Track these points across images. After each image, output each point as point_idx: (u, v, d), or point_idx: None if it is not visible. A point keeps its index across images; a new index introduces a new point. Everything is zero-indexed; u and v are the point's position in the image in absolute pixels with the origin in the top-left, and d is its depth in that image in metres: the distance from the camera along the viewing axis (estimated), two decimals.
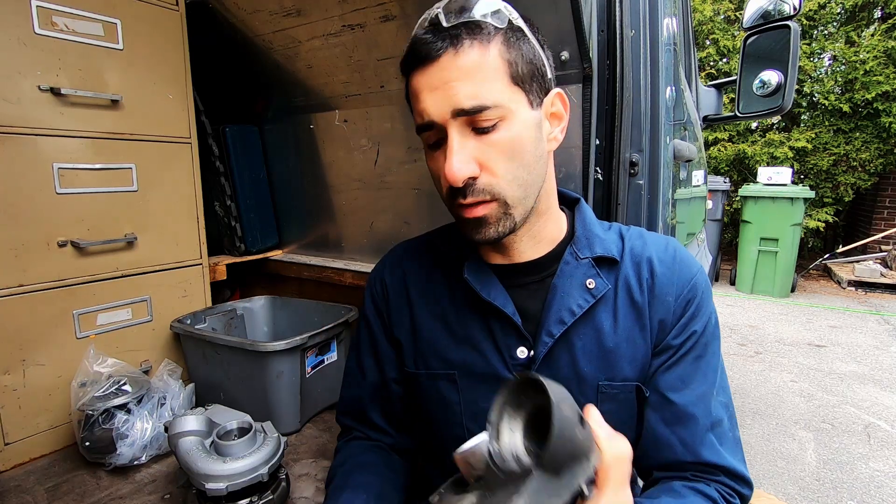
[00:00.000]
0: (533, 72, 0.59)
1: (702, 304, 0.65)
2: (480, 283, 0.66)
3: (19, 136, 1.04)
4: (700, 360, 0.64)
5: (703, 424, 0.62)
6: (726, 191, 4.99)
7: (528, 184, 0.61)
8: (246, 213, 1.69)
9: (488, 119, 0.56)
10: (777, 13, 1.25)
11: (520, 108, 0.58)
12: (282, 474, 0.91)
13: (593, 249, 0.67)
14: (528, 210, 0.63)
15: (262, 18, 1.41)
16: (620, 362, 0.64)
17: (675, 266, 0.66)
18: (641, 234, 0.70)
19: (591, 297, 0.65)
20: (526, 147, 0.59)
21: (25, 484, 1.00)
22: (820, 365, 3.05)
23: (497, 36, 0.56)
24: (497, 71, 0.56)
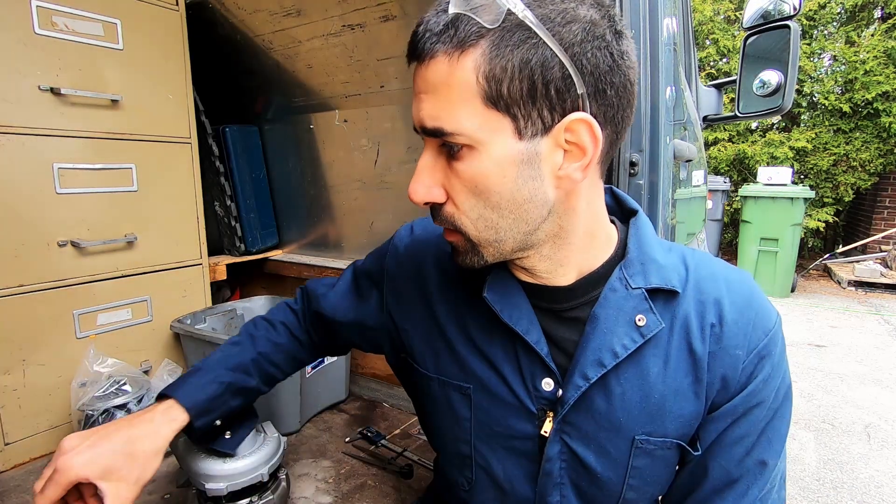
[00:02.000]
0: (532, 88, 0.43)
1: (779, 362, 0.55)
2: (504, 302, 0.56)
3: (19, 136, 1.04)
4: (768, 426, 0.55)
5: (753, 497, 0.55)
6: (726, 191, 4.99)
7: (504, 229, 0.50)
8: (246, 213, 1.69)
9: (454, 143, 0.46)
10: (777, 13, 1.25)
11: (494, 138, 0.45)
12: (282, 474, 0.91)
13: (648, 279, 0.54)
14: (513, 250, 0.52)
15: (262, 18, 1.41)
16: (663, 417, 0.55)
17: (750, 313, 0.54)
18: (710, 264, 0.57)
19: (640, 336, 0.53)
20: (494, 188, 0.47)
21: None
22: (820, 365, 3.05)
23: (482, 41, 0.43)
24: (466, 89, 0.44)
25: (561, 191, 0.49)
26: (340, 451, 1.13)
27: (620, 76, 0.46)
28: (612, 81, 0.46)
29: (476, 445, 0.62)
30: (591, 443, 0.56)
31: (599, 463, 0.57)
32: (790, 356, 2.31)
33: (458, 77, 0.44)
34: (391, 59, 1.33)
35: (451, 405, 0.63)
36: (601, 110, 0.46)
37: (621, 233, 0.59)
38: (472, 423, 0.61)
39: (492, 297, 0.56)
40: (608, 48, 0.45)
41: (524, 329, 0.55)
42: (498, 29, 0.42)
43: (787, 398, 0.56)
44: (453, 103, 0.45)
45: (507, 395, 0.58)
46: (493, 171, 0.46)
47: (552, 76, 0.43)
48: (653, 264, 0.54)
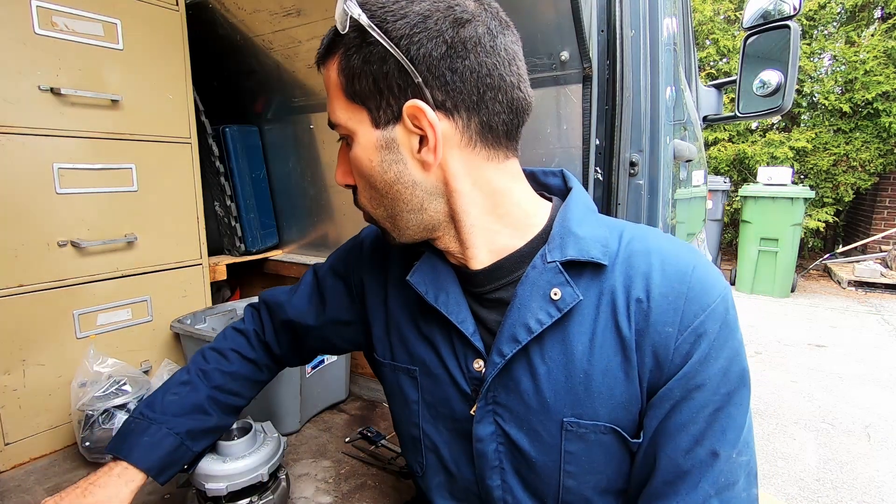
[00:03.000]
0: (376, 82, 0.49)
1: (722, 342, 0.50)
2: (432, 285, 0.59)
3: (19, 136, 1.04)
4: (719, 413, 0.50)
5: (706, 491, 0.50)
6: (726, 191, 4.99)
7: (390, 207, 0.55)
8: (246, 213, 1.69)
9: (340, 133, 0.56)
10: (777, 13, 1.25)
11: (360, 128, 0.52)
12: (282, 474, 0.91)
13: (564, 251, 0.53)
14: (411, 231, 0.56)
15: (262, 18, 1.41)
16: (591, 398, 0.53)
17: (682, 287, 0.50)
18: (647, 238, 0.55)
19: (556, 310, 0.52)
20: (367, 171, 0.54)
21: (25, 484, 1.00)
22: (820, 365, 3.05)
23: (340, 46, 0.51)
24: (335, 88, 0.53)
25: (431, 175, 0.53)
26: (340, 451, 1.13)
27: (462, 61, 0.48)
28: (451, 67, 0.48)
29: (424, 428, 0.65)
30: (523, 425, 0.57)
31: (533, 447, 0.56)
32: (790, 356, 2.30)
33: (330, 79, 0.53)
34: None
35: (402, 389, 0.66)
36: (448, 96, 0.49)
37: (553, 212, 0.59)
38: (420, 405, 0.64)
39: (417, 280, 0.59)
40: (441, 37, 0.48)
41: (450, 311, 0.57)
42: (348, 34, 0.49)
43: (743, 384, 0.51)
44: (332, 100, 0.54)
45: (446, 376, 0.61)
46: (363, 157, 0.53)
47: (389, 69, 0.48)
48: (571, 237, 0.54)
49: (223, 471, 0.79)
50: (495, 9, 0.52)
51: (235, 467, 0.80)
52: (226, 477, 0.79)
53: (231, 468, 0.80)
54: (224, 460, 0.81)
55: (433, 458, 0.66)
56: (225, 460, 0.81)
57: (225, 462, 0.81)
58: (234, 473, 0.80)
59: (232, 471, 0.80)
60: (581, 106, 0.95)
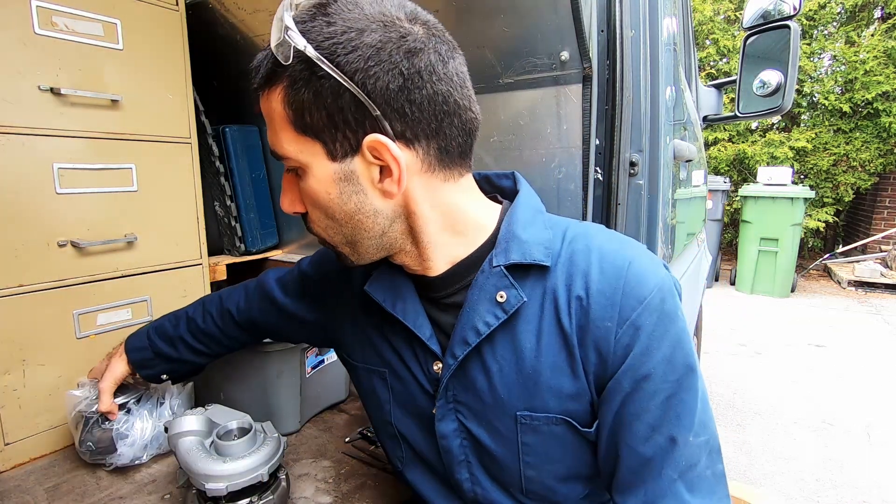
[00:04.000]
0: (330, 115, 0.48)
1: (660, 333, 0.51)
2: (389, 293, 0.62)
3: (19, 136, 1.04)
4: (670, 400, 0.52)
5: (669, 476, 0.52)
6: (726, 191, 4.99)
7: (350, 236, 0.55)
8: (246, 213, 1.69)
9: (289, 166, 0.54)
10: (777, 13, 1.25)
11: (313, 160, 0.51)
12: (282, 474, 0.91)
13: (509, 255, 0.55)
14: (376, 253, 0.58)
15: (262, 18, 1.41)
16: (541, 392, 0.56)
17: (619, 283, 0.52)
18: (589, 236, 0.57)
19: (503, 312, 0.54)
20: (324, 203, 0.52)
21: (25, 484, 1.00)
22: (820, 365, 3.05)
23: (283, 77, 0.48)
24: (281, 120, 0.50)
25: (392, 202, 0.53)
26: (340, 451, 1.13)
27: (419, 92, 0.48)
28: (409, 99, 0.48)
29: (398, 426, 0.68)
30: (482, 421, 0.60)
31: (493, 441, 0.60)
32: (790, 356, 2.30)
33: (273, 109, 0.50)
34: None
35: (375, 390, 0.70)
36: (407, 126, 0.49)
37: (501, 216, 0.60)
38: (391, 404, 0.68)
39: (374, 289, 0.62)
40: (396, 69, 0.47)
41: (407, 317, 0.60)
42: (293, 65, 0.47)
43: (689, 369, 0.52)
44: (277, 132, 0.51)
45: (410, 377, 0.64)
46: (320, 189, 0.52)
47: (344, 103, 0.47)
48: (515, 241, 0.55)
49: (223, 471, 0.79)
50: (441, 31, 0.51)
51: (235, 467, 0.80)
52: (226, 477, 0.79)
53: (231, 468, 0.80)
54: (224, 460, 0.81)
55: (409, 452, 0.69)
56: (225, 460, 0.81)
57: (225, 462, 0.81)
58: (234, 473, 0.80)
59: (232, 471, 0.80)
60: (581, 106, 0.95)
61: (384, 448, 0.75)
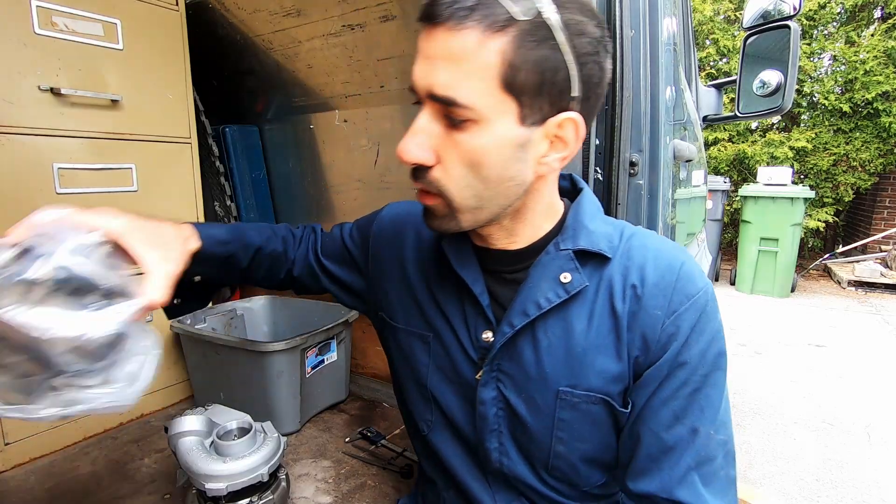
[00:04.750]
0: (541, 84, 0.48)
1: (702, 328, 0.56)
2: (456, 256, 0.64)
3: (19, 136, 1.04)
4: (697, 393, 0.56)
5: (686, 464, 0.55)
6: (726, 191, 4.98)
7: (486, 199, 0.54)
8: (246, 213, 1.69)
9: (459, 115, 0.49)
10: (777, 13, 1.25)
11: (500, 119, 0.49)
12: (282, 474, 0.91)
13: (577, 241, 0.59)
14: (485, 220, 0.58)
15: (262, 18, 1.41)
16: (586, 371, 0.59)
17: (672, 278, 0.57)
18: (645, 237, 0.62)
19: (565, 292, 0.58)
20: (489, 163, 0.51)
21: (25, 484, 1.00)
22: (820, 365, 3.05)
23: (511, 28, 0.46)
24: (488, 69, 0.47)
25: (535, 175, 0.56)
26: (340, 451, 1.13)
27: (601, 89, 0.54)
28: (596, 92, 0.53)
29: (432, 389, 0.69)
30: (521, 392, 0.62)
31: (529, 413, 0.62)
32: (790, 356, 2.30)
33: (483, 56, 0.47)
34: (391, 59, 1.33)
35: (414, 353, 0.71)
36: (583, 113, 0.53)
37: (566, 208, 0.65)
38: (430, 368, 0.69)
39: (448, 249, 0.64)
40: (600, 65, 0.52)
41: (471, 281, 0.62)
42: (526, 21, 0.46)
43: (719, 367, 0.57)
44: (472, 78, 0.48)
45: (455, 343, 0.66)
46: (493, 149, 0.51)
47: (559, 77, 0.49)
48: (583, 230, 0.60)
49: (223, 471, 0.79)
50: None
51: (235, 467, 0.80)
52: (226, 477, 0.79)
53: (231, 468, 0.80)
54: (224, 460, 0.81)
55: (440, 415, 0.70)
56: (225, 460, 0.81)
57: (225, 462, 0.81)
58: (234, 473, 0.80)
59: (232, 471, 0.80)
60: None
61: (411, 411, 0.75)
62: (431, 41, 0.48)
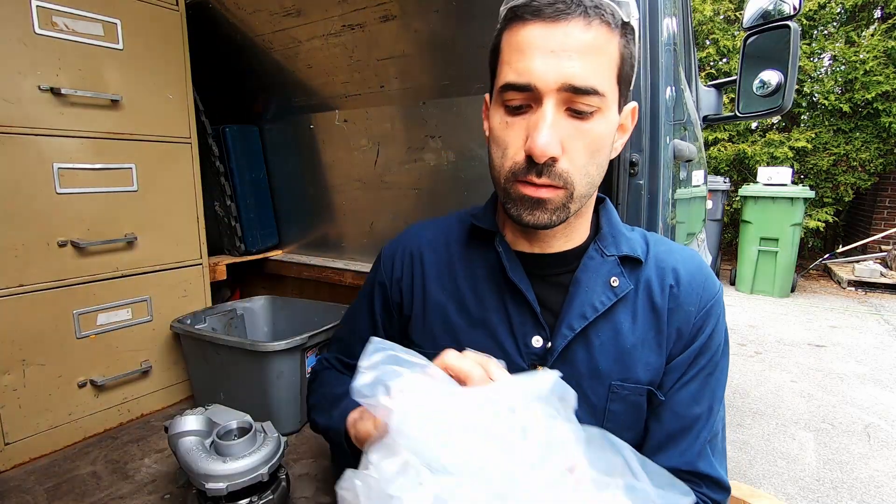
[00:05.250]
0: (629, 76, 0.58)
1: (720, 322, 0.65)
2: (508, 263, 0.65)
3: (19, 136, 1.04)
4: (710, 377, 0.64)
5: (703, 438, 0.63)
6: (726, 191, 4.98)
7: (594, 184, 0.60)
8: (246, 213, 1.69)
9: (589, 105, 0.53)
10: (777, 13, 1.25)
11: (614, 106, 0.57)
12: (282, 474, 0.91)
13: (619, 248, 0.65)
14: (581, 207, 0.62)
15: (262, 18, 1.41)
16: (635, 364, 0.64)
17: (701, 278, 0.65)
18: (664, 241, 0.70)
19: (614, 295, 0.63)
20: (605, 146, 0.58)
21: (25, 484, 1.00)
22: (820, 365, 3.04)
23: (620, 28, 0.54)
24: (612, 62, 0.54)
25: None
26: None
27: None
28: None
29: None
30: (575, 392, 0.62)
31: (581, 410, 0.63)
32: (790, 356, 2.30)
33: (611, 49, 0.54)
34: (391, 59, 1.33)
35: None
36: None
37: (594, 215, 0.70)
38: None
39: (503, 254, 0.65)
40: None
41: (524, 287, 0.64)
42: (628, 24, 0.55)
43: (726, 354, 0.66)
44: (605, 69, 0.53)
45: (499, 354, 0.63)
46: (608, 135, 0.57)
47: (635, 73, 0.59)
48: (622, 237, 0.67)
49: (223, 471, 0.79)
50: None
51: (235, 467, 0.80)
52: (226, 477, 0.79)
53: (231, 468, 0.80)
54: (224, 460, 0.81)
55: None
56: (225, 460, 0.81)
57: (225, 462, 0.81)
58: (234, 473, 0.80)
59: (232, 471, 0.80)
60: None
61: None
62: (556, 34, 0.51)
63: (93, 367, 1.19)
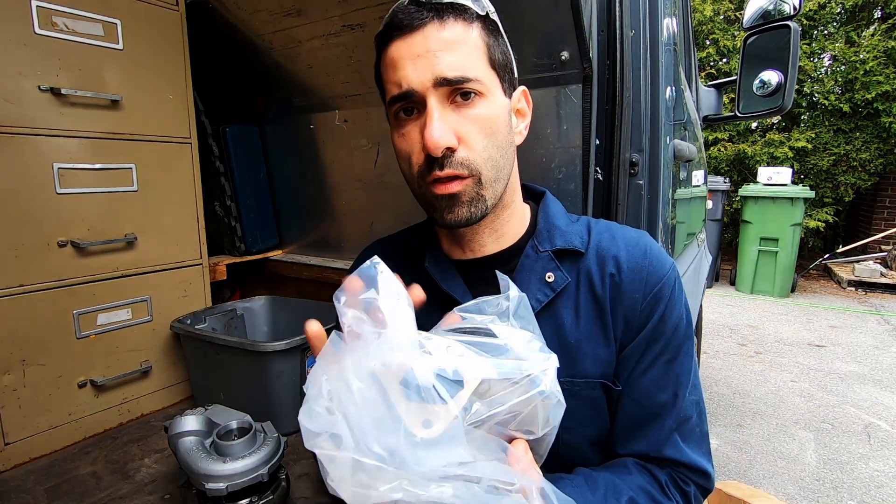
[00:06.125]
0: (506, 64, 0.61)
1: (672, 304, 0.63)
2: (441, 275, 0.67)
3: (19, 136, 1.04)
4: (672, 362, 0.63)
5: (669, 426, 0.62)
6: (726, 191, 4.99)
7: (500, 167, 0.61)
8: (246, 213, 1.69)
9: (470, 89, 0.57)
10: (777, 13, 1.25)
11: (496, 90, 0.60)
12: (282, 474, 0.91)
13: (553, 242, 0.65)
14: (497, 197, 0.62)
15: (262, 18, 1.41)
16: (582, 359, 0.63)
17: (645, 262, 0.63)
18: (610, 228, 0.68)
19: (551, 290, 0.63)
20: (500, 128, 0.60)
21: (25, 484, 1.00)
22: (820, 365, 3.05)
23: (477, 21, 0.58)
24: (478, 49, 0.58)
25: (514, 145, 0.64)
26: None
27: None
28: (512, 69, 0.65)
29: None
30: None
31: None
32: (790, 356, 2.30)
33: (472, 39, 0.57)
34: None
35: None
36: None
37: (533, 210, 0.71)
38: None
39: (432, 269, 0.68)
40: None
41: (460, 295, 0.65)
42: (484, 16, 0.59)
43: (688, 337, 0.64)
44: (472, 57, 0.57)
45: None
46: (500, 115, 0.60)
47: (508, 59, 0.63)
48: (556, 231, 0.66)
49: (223, 471, 0.79)
50: None
51: (235, 467, 0.80)
52: (226, 477, 0.79)
53: (231, 468, 0.80)
54: (224, 460, 0.81)
55: None
56: (225, 460, 0.81)
57: (225, 462, 0.81)
58: (234, 473, 0.80)
59: (232, 471, 0.80)
60: (581, 106, 0.95)
61: None
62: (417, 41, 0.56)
63: (93, 368, 1.19)
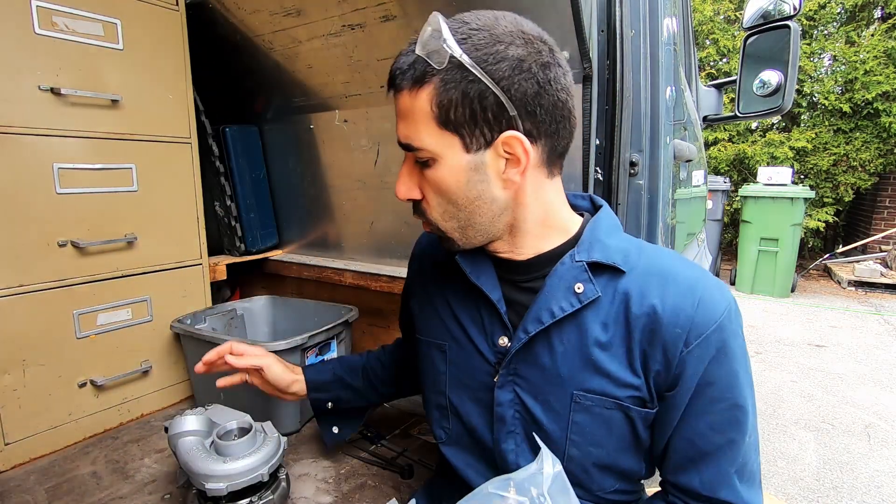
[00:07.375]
0: (473, 114, 0.56)
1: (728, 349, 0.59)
2: (472, 267, 0.68)
3: (19, 136, 1.04)
4: (733, 409, 0.60)
5: (727, 469, 0.61)
6: (726, 191, 4.99)
7: (464, 219, 0.63)
8: (246, 213, 1.69)
9: (420, 157, 0.60)
10: (777, 13, 1.25)
11: (448, 152, 0.59)
12: (282, 474, 0.91)
13: (591, 254, 0.63)
14: (482, 237, 0.65)
15: (262, 18, 1.41)
16: (600, 376, 0.62)
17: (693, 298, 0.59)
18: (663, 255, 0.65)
19: (578, 301, 0.62)
20: (451, 189, 0.61)
21: (25, 484, 1.00)
22: (820, 365, 3.05)
23: (435, 78, 0.56)
24: (424, 116, 0.57)
25: (509, 191, 0.62)
26: (340, 451, 1.13)
27: (548, 98, 0.58)
28: (540, 103, 0.57)
29: (450, 397, 0.75)
30: (538, 395, 0.66)
31: (545, 416, 0.66)
32: (790, 355, 2.31)
33: (417, 106, 0.57)
34: (391, 59, 1.32)
35: (433, 361, 0.77)
36: (534, 126, 0.58)
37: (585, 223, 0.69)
38: (447, 376, 0.75)
39: (462, 261, 0.68)
40: (534, 78, 0.56)
41: (488, 289, 0.67)
42: (445, 69, 0.55)
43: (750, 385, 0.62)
44: (417, 126, 0.58)
45: (473, 350, 0.71)
46: (450, 177, 0.60)
47: (488, 103, 0.56)
48: (598, 244, 0.64)
49: (223, 471, 0.79)
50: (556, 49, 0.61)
51: (235, 467, 0.80)
52: (226, 477, 0.79)
53: (231, 468, 0.80)
54: (224, 460, 0.81)
55: (458, 423, 0.75)
56: (225, 460, 0.81)
57: (225, 462, 0.81)
58: (234, 473, 0.80)
59: (232, 471, 0.80)
60: (581, 106, 0.95)
61: (431, 421, 0.80)
62: (395, 104, 0.61)
63: (93, 367, 1.19)
